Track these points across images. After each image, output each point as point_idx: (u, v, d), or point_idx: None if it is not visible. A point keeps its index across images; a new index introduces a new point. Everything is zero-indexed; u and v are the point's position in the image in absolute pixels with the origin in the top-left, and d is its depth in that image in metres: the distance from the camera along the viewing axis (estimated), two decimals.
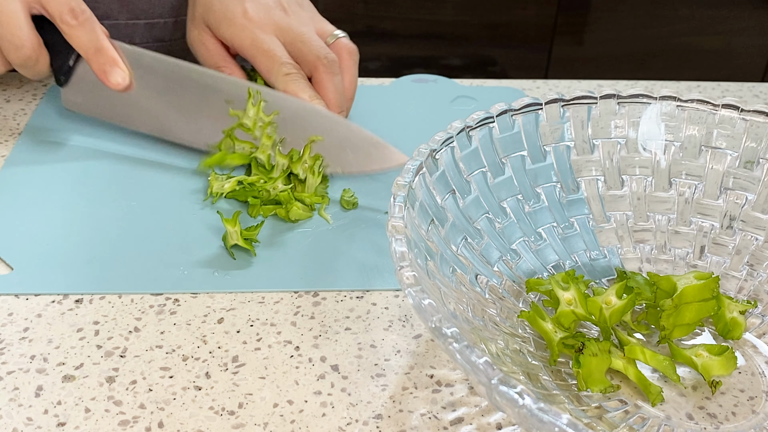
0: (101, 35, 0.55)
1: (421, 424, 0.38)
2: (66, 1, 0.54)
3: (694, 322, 0.43)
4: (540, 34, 1.74)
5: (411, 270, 0.34)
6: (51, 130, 0.61)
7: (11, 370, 0.40)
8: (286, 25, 0.60)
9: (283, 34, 0.59)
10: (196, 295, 0.46)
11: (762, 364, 0.42)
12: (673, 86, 0.74)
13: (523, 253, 0.46)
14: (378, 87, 0.71)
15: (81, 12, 0.54)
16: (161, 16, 0.72)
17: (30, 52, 0.54)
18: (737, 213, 0.47)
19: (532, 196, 0.47)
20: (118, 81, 0.55)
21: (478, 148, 0.45)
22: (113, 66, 0.55)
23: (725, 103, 0.47)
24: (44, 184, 0.54)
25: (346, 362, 0.42)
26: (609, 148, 0.49)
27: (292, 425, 0.38)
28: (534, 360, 0.41)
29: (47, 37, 0.55)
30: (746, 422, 0.39)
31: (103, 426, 0.37)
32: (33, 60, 0.55)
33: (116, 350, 0.42)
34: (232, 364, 0.41)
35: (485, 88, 0.72)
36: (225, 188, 0.53)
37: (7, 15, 0.53)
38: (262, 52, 0.58)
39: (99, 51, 0.55)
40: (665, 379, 0.41)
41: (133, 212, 0.52)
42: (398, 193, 0.39)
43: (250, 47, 0.59)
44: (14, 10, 0.53)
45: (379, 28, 1.69)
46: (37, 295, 0.45)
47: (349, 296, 0.46)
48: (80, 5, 0.54)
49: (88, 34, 0.54)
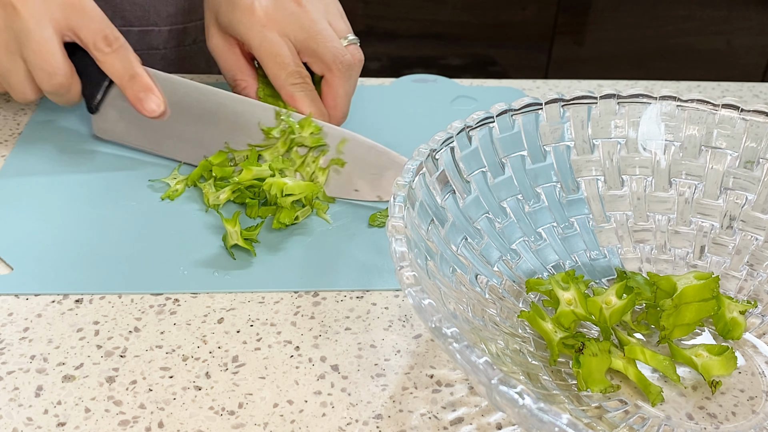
0: (135, 62, 0.54)
1: (421, 424, 0.38)
2: (100, 29, 0.53)
3: (694, 322, 0.43)
4: (540, 34, 1.74)
5: (411, 270, 0.34)
6: (51, 130, 0.61)
7: (11, 370, 0.40)
8: (298, 21, 0.57)
9: (294, 31, 0.57)
10: (196, 295, 0.46)
11: (762, 364, 0.42)
12: (673, 86, 0.74)
13: (523, 253, 0.46)
14: (378, 87, 0.71)
15: (115, 39, 0.54)
16: (155, 24, 0.72)
17: (62, 80, 0.53)
18: (737, 213, 0.47)
19: (532, 196, 0.47)
20: (153, 108, 0.54)
21: (478, 148, 0.45)
22: (148, 93, 0.54)
23: (725, 103, 0.47)
24: (44, 184, 0.54)
25: (346, 362, 0.42)
26: (609, 148, 0.49)
27: (292, 425, 0.38)
28: (534, 360, 0.41)
29: (79, 65, 0.54)
30: (746, 422, 0.39)
31: (103, 426, 0.37)
32: (65, 88, 0.54)
33: (116, 350, 0.42)
34: (232, 364, 0.41)
35: (485, 88, 0.72)
36: (221, 199, 0.52)
37: (39, 42, 0.52)
38: (270, 54, 0.56)
39: (133, 78, 0.54)
40: (665, 379, 0.41)
41: (133, 212, 0.52)
42: (398, 193, 0.39)
43: (258, 47, 0.57)
44: (47, 38, 0.52)
45: (379, 28, 1.69)
46: (37, 295, 0.45)
47: (349, 296, 0.46)
48: (114, 32, 0.54)
49: (122, 61, 0.54)
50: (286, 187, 0.50)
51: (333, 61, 0.56)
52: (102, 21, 0.53)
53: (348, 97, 0.58)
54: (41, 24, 0.52)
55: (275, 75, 0.56)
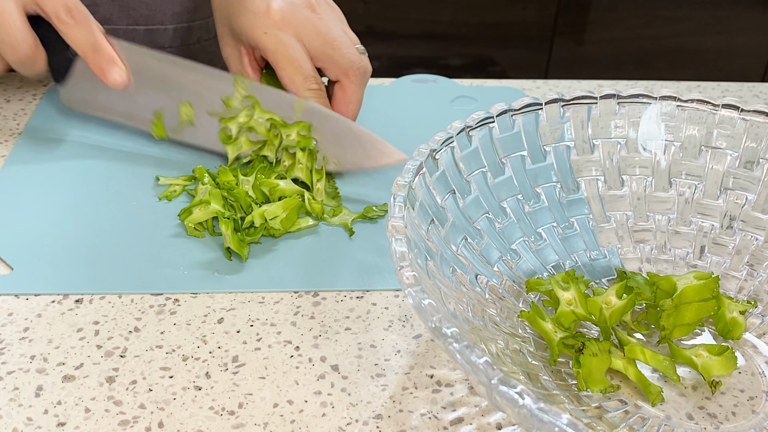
0: (98, 33, 0.55)
1: (421, 424, 0.38)
2: (62, 1, 0.53)
3: (694, 322, 0.43)
4: (540, 34, 1.74)
5: (411, 270, 0.34)
6: (51, 130, 0.61)
7: (11, 370, 0.40)
8: (313, 27, 0.56)
9: (309, 36, 0.56)
10: (196, 295, 0.46)
11: (762, 364, 0.42)
12: (673, 86, 0.74)
13: (523, 253, 0.46)
14: (378, 87, 0.71)
15: (77, 10, 0.54)
16: (161, 23, 0.72)
17: (27, 51, 0.54)
18: (737, 213, 0.47)
19: (532, 196, 0.47)
20: (116, 79, 0.55)
21: (478, 148, 0.45)
22: (111, 64, 0.55)
23: (725, 103, 0.47)
24: (44, 184, 0.54)
25: (346, 362, 0.42)
26: (609, 148, 0.49)
27: (292, 425, 0.38)
28: (534, 360, 0.41)
29: (44, 35, 0.55)
30: (746, 422, 0.39)
31: (103, 426, 0.37)
32: (30, 59, 0.54)
33: (116, 350, 0.42)
34: (232, 364, 0.41)
35: (485, 88, 0.72)
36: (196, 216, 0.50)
37: (1, 15, 0.52)
38: (287, 59, 0.56)
39: (96, 50, 0.54)
40: (665, 379, 0.41)
41: (132, 212, 0.52)
42: (398, 193, 0.39)
43: (273, 51, 0.56)
44: (9, 10, 0.52)
45: (379, 28, 1.69)
46: (37, 295, 0.45)
47: (349, 296, 0.46)
48: (76, 4, 0.54)
49: (85, 32, 0.54)
50: (266, 213, 0.49)
51: (350, 67, 0.57)
52: None
53: (359, 104, 0.58)
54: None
55: (291, 79, 0.56)
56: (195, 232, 0.50)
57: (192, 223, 0.50)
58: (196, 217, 0.50)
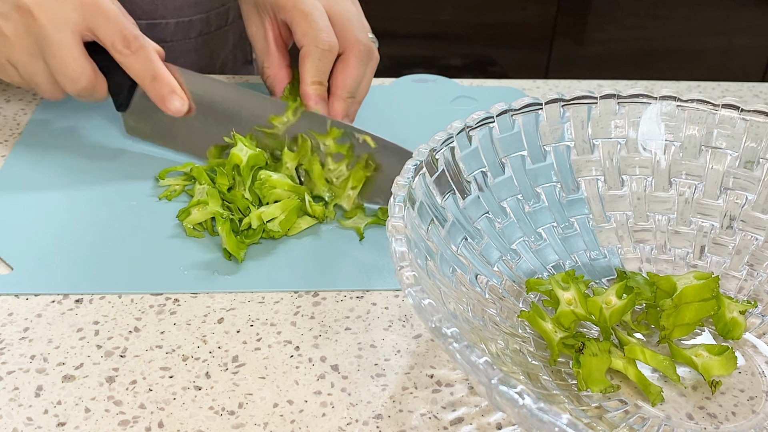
0: (156, 62, 0.54)
1: (421, 424, 0.38)
2: (118, 30, 0.52)
3: (694, 322, 0.43)
4: (540, 34, 1.74)
5: (411, 270, 0.34)
6: (51, 130, 0.61)
7: (11, 370, 0.40)
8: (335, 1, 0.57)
9: (331, 6, 0.57)
10: (196, 295, 0.46)
11: (762, 364, 0.42)
12: (673, 86, 0.74)
13: (523, 253, 0.46)
14: (378, 87, 0.71)
15: (134, 39, 0.53)
16: (163, 17, 0.72)
17: (85, 83, 0.53)
18: (737, 213, 0.47)
19: (532, 196, 0.47)
20: (176, 107, 0.54)
21: (478, 148, 0.45)
22: (171, 93, 0.54)
23: (725, 103, 0.47)
24: (44, 184, 0.54)
25: (346, 362, 0.42)
26: (609, 148, 0.49)
27: (292, 425, 0.38)
28: (534, 360, 0.41)
29: (103, 62, 0.54)
30: (746, 422, 0.39)
31: (103, 426, 0.37)
32: (89, 91, 0.54)
33: (116, 350, 0.42)
34: (232, 364, 0.41)
35: (485, 88, 0.72)
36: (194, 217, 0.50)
37: (59, 48, 0.51)
38: (303, 14, 0.56)
39: (155, 78, 0.54)
40: (665, 379, 0.41)
41: (132, 212, 0.52)
42: (398, 193, 0.39)
43: (291, 8, 0.56)
44: (67, 43, 0.51)
45: (379, 28, 1.69)
46: (37, 295, 0.45)
47: (349, 296, 0.46)
48: (133, 32, 0.53)
49: (143, 62, 0.53)
50: (264, 214, 0.49)
51: (357, 42, 0.57)
52: (118, 20, 0.52)
53: (357, 81, 0.57)
54: (59, 29, 0.51)
55: (304, 32, 0.56)
56: (194, 232, 0.50)
57: (191, 224, 0.50)
58: (194, 218, 0.50)
